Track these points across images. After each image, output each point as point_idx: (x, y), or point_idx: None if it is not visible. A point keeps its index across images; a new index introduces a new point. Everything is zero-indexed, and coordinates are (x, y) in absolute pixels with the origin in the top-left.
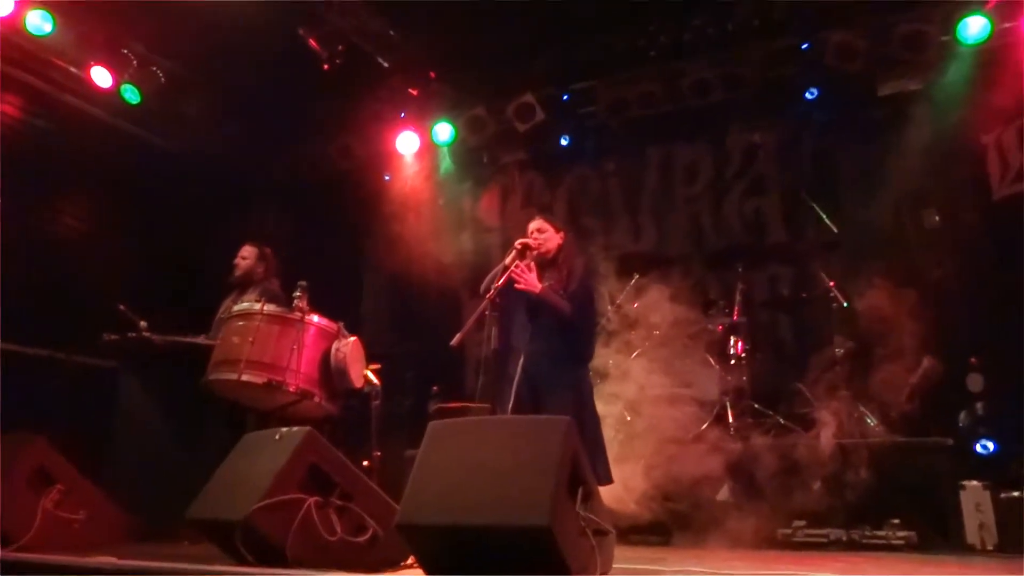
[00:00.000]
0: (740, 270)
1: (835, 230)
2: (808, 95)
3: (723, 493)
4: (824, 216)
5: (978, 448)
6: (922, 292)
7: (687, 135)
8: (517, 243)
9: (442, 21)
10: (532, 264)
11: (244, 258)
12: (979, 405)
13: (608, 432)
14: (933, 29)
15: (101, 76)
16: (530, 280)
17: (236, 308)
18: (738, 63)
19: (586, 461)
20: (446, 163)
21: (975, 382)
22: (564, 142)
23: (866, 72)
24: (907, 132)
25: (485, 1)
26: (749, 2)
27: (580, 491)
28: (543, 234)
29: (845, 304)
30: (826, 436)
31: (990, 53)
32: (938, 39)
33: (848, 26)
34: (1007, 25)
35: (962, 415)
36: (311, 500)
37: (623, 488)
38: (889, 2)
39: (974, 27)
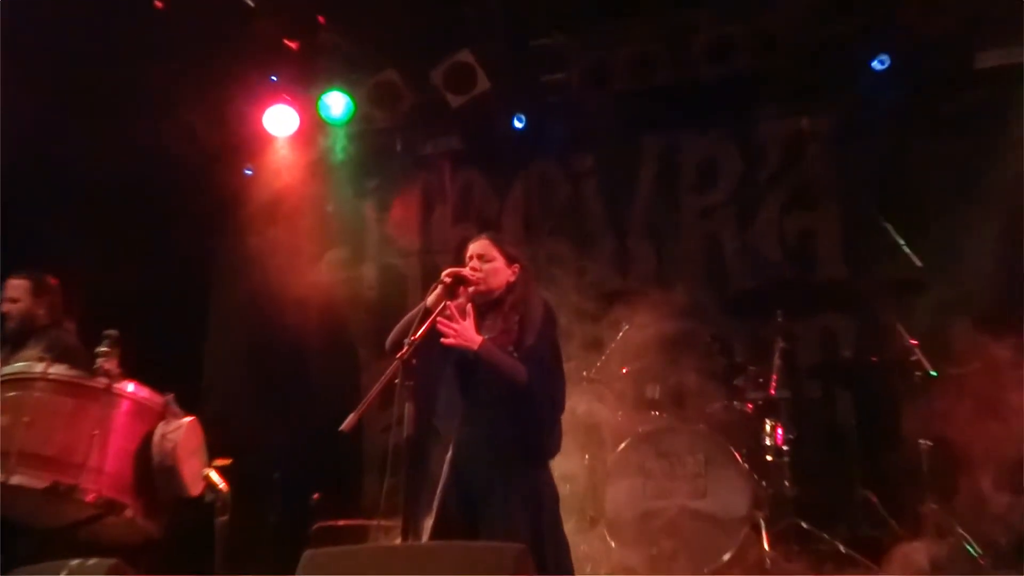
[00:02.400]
0: (780, 320)
1: (918, 263)
2: (877, 64)
3: None
4: (903, 243)
5: None
6: None
7: (700, 120)
8: (445, 274)
9: None
10: (468, 307)
11: (14, 300)
12: None
13: (582, 566)
14: None
15: None
16: (464, 331)
17: (6, 370)
18: (775, 17)
19: None
20: (340, 151)
21: None
22: (518, 124)
23: (957, 36)
24: (1018, 122)
25: None
26: None
27: None
28: (487, 263)
29: (933, 373)
30: (907, 572)
31: None
32: None
33: None
34: None
35: None
36: None
37: None
38: None
39: None
